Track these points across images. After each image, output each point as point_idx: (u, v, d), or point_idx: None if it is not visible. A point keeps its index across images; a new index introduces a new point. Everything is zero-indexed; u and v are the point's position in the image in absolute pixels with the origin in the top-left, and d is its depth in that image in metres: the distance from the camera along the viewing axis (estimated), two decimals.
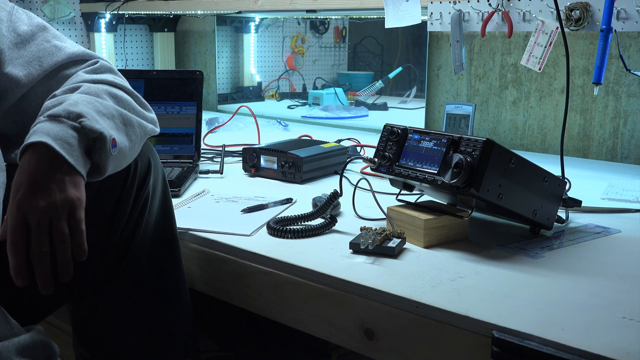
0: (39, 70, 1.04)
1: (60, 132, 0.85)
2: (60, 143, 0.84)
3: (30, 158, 0.84)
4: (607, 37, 1.38)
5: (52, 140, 0.84)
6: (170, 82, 1.71)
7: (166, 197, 1.11)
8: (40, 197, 0.82)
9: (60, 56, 1.06)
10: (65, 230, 0.83)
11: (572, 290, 0.91)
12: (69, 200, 0.84)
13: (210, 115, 2.48)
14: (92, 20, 2.85)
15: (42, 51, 1.05)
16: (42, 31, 1.07)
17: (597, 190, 1.47)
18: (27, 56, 1.04)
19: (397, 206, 1.15)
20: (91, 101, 0.93)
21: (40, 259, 0.82)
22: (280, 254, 1.06)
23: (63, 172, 0.84)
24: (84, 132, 0.87)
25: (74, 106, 0.89)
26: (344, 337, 0.97)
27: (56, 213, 0.83)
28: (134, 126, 0.98)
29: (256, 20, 3.04)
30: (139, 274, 1.07)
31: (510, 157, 1.04)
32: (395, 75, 2.86)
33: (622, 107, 1.82)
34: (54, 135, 0.85)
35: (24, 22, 1.06)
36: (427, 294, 0.90)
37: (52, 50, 1.06)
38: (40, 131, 0.85)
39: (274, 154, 1.57)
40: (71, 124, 0.87)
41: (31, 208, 0.81)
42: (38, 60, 1.04)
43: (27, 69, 1.03)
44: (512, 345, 0.78)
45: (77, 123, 0.87)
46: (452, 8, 1.79)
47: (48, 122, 0.87)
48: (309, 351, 1.51)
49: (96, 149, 0.88)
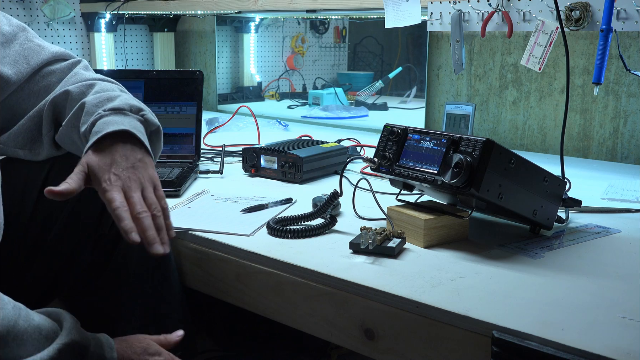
0: (27, 68, 1.07)
1: (132, 123, 0.98)
2: (138, 132, 0.97)
3: (113, 143, 0.94)
4: (607, 37, 1.38)
5: (130, 128, 0.96)
6: (170, 82, 1.71)
7: None
8: (137, 171, 0.94)
9: (45, 54, 1.11)
10: (156, 201, 0.93)
11: (572, 290, 0.91)
12: (152, 177, 0.95)
13: (210, 115, 2.48)
14: (92, 20, 2.85)
15: (27, 50, 1.09)
16: (22, 31, 1.11)
17: (597, 190, 1.47)
18: (13, 55, 1.06)
19: (397, 206, 1.15)
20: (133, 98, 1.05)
21: (144, 220, 0.89)
22: (280, 254, 1.06)
23: (142, 153, 0.96)
24: (147, 125, 1.01)
25: (130, 101, 1.01)
26: (344, 337, 0.97)
27: (145, 186, 0.93)
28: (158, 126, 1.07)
29: (256, 20, 3.04)
30: (128, 270, 1.08)
31: (510, 157, 1.04)
32: (395, 75, 2.86)
33: (622, 107, 1.82)
34: (129, 125, 0.96)
35: (4, 23, 1.08)
36: (427, 294, 0.90)
37: (37, 48, 1.10)
38: (113, 122, 0.95)
39: (274, 154, 1.57)
40: (136, 117, 1.00)
41: (130, 179, 0.92)
42: (25, 58, 1.08)
43: (15, 67, 1.06)
44: (512, 345, 0.78)
45: (140, 116, 1.00)
46: (452, 8, 1.79)
47: (115, 115, 0.98)
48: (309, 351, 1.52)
49: (153, 141, 1.02)
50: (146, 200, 0.92)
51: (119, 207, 0.88)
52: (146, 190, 0.93)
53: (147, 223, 0.89)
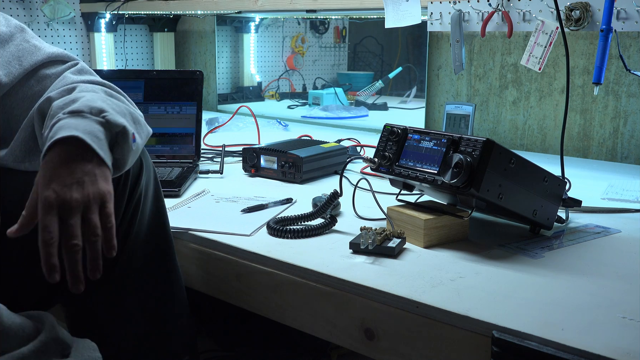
0: (19, 70, 1.03)
1: (87, 126, 0.86)
2: (90, 137, 0.84)
3: (61, 152, 0.83)
4: (607, 37, 1.38)
5: (83, 134, 0.84)
6: (170, 82, 1.71)
7: (158, 196, 1.11)
8: (75, 190, 0.81)
9: (40, 55, 1.06)
10: (98, 224, 0.82)
11: (572, 290, 0.91)
12: (102, 193, 0.83)
13: (210, 115, 2.48)
14: (92, 20, 2.85)
15: (21, 50, 1.05)
16: (20, 32, 1.08)
17: (597, 190, 1.47)
18: (6, 56, 1.04)
19: (397, 206, 1.15)
20: (103, 99, 0.93)
21: (74, 254, 0.79)
22: (280, 254, 1.06)
23: (95, 165, 0.84)
24: (109, 127, 0.88)
25: (93, 102, 0.89)
26: (344, 337, 0.97)
27: (89, 206, 0.82)
28: (142, 125, 0.99)
29: (256, 20, 3.04)
30: (133, 273, 1.07)
31: (510, 157, 1.04)
32: (395, 75, 2.86)
33: (622, 107, 1.82)
34: (83, 129, 0.85)
35: (1, 24, 1.06)
36: (427, 294, 0.90)
37: (32, 49, 1.06)
38: (67, 126, 0.85)
39: (274, 154, 1.57)
40: (96, 119, 0.87)
41: (65, 201, 0.80)
42: (18, 59, 1.04)
43: (7, 69, 1.03)
44: (512, 345, 0.78)
45: (101, 118, 0.88)
46: (452, 8, 1.79)
47: (72, 117, 0.87)
48: (309, 351, 1.51)
49: (119, 143, 0.89)
50: (86, 224, 0.81)
51: (46, 241, 0.78)
52: (89, 210, 0.82)
53: (73, 260, 0.79)
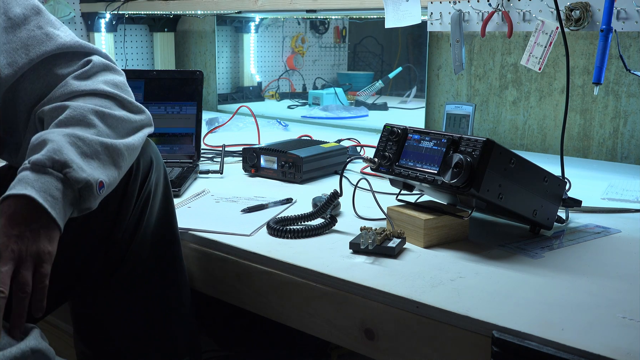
0: (25, 59, 0.98)
1: (45, 184, 0.84)
2: (44, 196, 0.83)
3: (11, 204, 0.83)
4: (607, 37, 1.38)
5: (35, 192, 0.83)
6: (170, 82, 1.71)
7: (167, 195, 1.11)
8: (14, 242, 0.81)
9: (50, 46, 1.00)
10: (29, 281, 0.82)
11: (572, 290, 0.91)
12: (40, 252, 0.83)
13: (210, 115, 2.48)
14: (92, 20, 2.85)
15: (31, 38, 0.99)
16: (35, 15, 1.01)
17: (597, 190, 1.47)
18: (15, 42, 0.98)
19: (397, 206, 1.15)
20: (75, 141, 0.90)
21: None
22: (280, 254, 1.06)
23: (41, 223, 0.83)
24: (69, 184, 0.86)
25: (58, 153, 0.86)
26: (344, 337, 0.97)
27: (24, 261, 0.81)
28: (121, 152, 0.95)
29: (256, 20, 3.04)
30: (140, 272, 1.07)
31: (510, 157, 1.04)
32: (395, 75, 2.86)
33: (622, 107, 1.82)
34: (39, 187, 0.84)
35: (15, 4, 1.00)
36: (427, 294, 0.90)
37: (42, 38, 1.00)
38: (24, 182, 0.84)
39: (274, 154, 1.57)
40: (57, 175, 0.85)
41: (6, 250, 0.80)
42: (25, 48, 0.98)
43: (12, 57, 0.97)
44: (512, 345, 0.78)
45: (62, 174, 0.86)
46: (452, 8, 1.79)
47: (32, 172, 0.85)
48: (309, 351, 1.51)
49: (83, 197, 0.88)
50: (18, 278, 0.80)
51: None
52: (22, 266, 0.81)
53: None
